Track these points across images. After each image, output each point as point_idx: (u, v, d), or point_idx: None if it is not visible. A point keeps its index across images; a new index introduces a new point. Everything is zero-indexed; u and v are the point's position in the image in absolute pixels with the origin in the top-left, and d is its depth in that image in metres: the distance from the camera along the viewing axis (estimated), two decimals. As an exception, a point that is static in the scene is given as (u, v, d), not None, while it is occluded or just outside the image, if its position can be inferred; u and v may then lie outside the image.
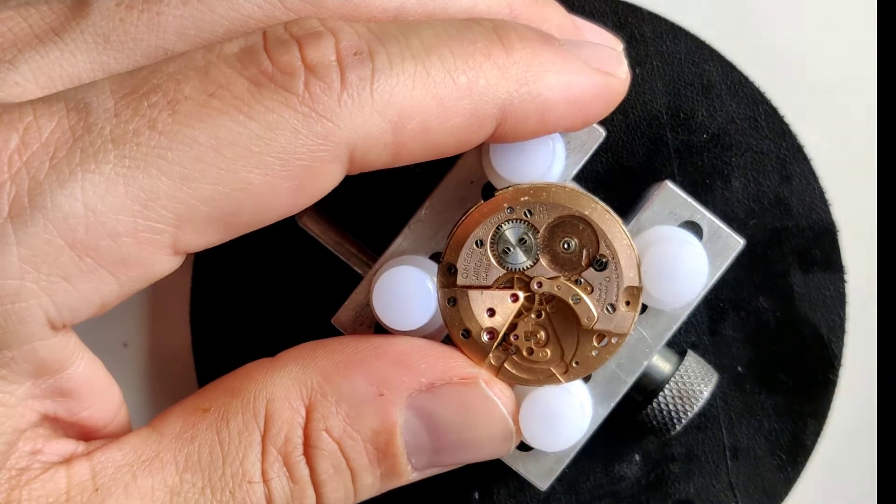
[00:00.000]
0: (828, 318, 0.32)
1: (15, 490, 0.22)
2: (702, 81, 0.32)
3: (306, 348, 0.26)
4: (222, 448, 0.24)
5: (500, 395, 0.26)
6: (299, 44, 0.23)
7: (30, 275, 0.21)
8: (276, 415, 0.25)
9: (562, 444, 0.27)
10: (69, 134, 0.22)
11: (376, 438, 0.25)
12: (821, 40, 0.33)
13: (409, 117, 0.23)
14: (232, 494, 0.24)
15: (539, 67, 0.24)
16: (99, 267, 0.22)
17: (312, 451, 0.25)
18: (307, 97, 0.22)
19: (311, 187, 0.23)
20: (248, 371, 0.26)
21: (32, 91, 0.24)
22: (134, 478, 0.23)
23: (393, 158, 0.24)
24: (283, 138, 0.22)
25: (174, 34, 0.25)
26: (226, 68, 0.22)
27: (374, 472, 0.25)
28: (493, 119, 0.24)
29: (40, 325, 0.22)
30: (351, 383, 0.25)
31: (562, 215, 0.26)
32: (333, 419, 0.25)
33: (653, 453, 0.32)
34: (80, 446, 0.24)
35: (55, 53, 0.24)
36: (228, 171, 0.22)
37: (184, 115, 0.22)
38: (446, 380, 0.26)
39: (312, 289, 0.32)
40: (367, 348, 0.26)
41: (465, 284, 0.26)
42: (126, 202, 0.21)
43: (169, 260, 0.23)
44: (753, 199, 0.32)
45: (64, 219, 0.21)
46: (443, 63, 0.23)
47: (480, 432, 0.26)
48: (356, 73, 0.23)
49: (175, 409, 0.25)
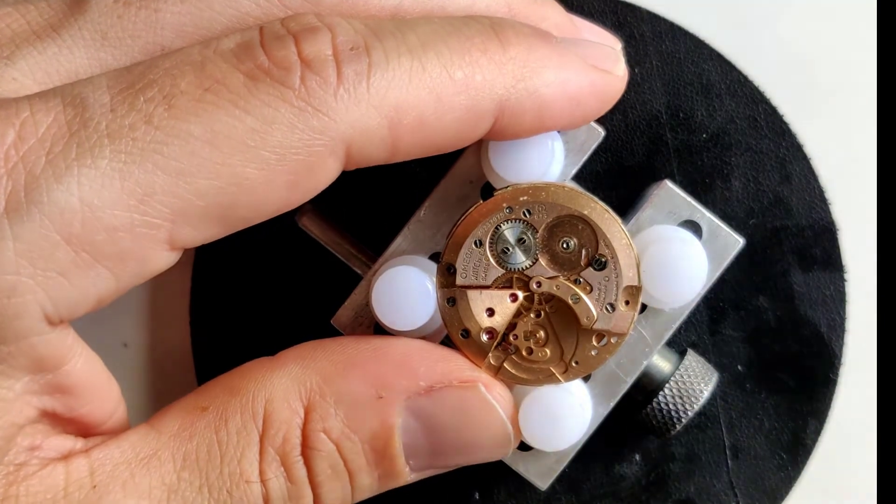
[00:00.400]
0: (828, 318, 0.32)
1: (13, 486, 0.22)
2: (701, 81, 0.32)
3: (306, 348, 0.26)
4: (220, 447, 0.24)
5: (499, 399, 0.26)
6: (296, 39, 0.23)
7: (26, 270, 0.21)
8: (274, 415, 0.24)
9: (562, 443, 0.27)
10: (65, 129, 0.22)
11: (374, 440, 0.25)
12: (821, 39, 0.33)
13: (406, 112, 0.23)
14: (229, 494, 0.24)
15: (536, 64, 0.24)
16: (95, 262, 0.22)
17: (310, 452, 0.25)
18: (303, 91, 0.22)
19: (308, 182, 0.23)
20: (248, 370, 0.26)
21: (30, 87, 0.24)
22: (132, 475, 0.23)
23: (390, 154, 0.24)
24: (279, 132, 0.22)
25: (172, 31, 0.25)
26: (222, 63, 0.22)
27: (372, 474, 0.25)
28: (489, 115, 0.24)
29: (37, 321, 0.22)
30: (350, 385, 0.25)
31: (561, 215, 0.26)
32: (332, 420, 0.25)
33: (653, 453, 0.32)
34: (79, 443, 0.24)
35: (53, 49, 0.24)
36: (224, 166, 0.22)
37: (180, 110, 0.22)
38: (445, 383, 0.26)
39: (312, 289, 0.32)
40: (367, 350, 0.26)
41: (465, 284, 0.26)
42: (122, 197, 0.21)
43: (165, 255, 0.23)
44: (753, 198, 0.32)
45: (60, 213, 0.21)
46: (439, 58, 0.23)
47: (478, 436, 0.26)
48: (352, 67, 0.23)
49: (174, 407, 0.25)
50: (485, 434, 0.26)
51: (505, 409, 0.26)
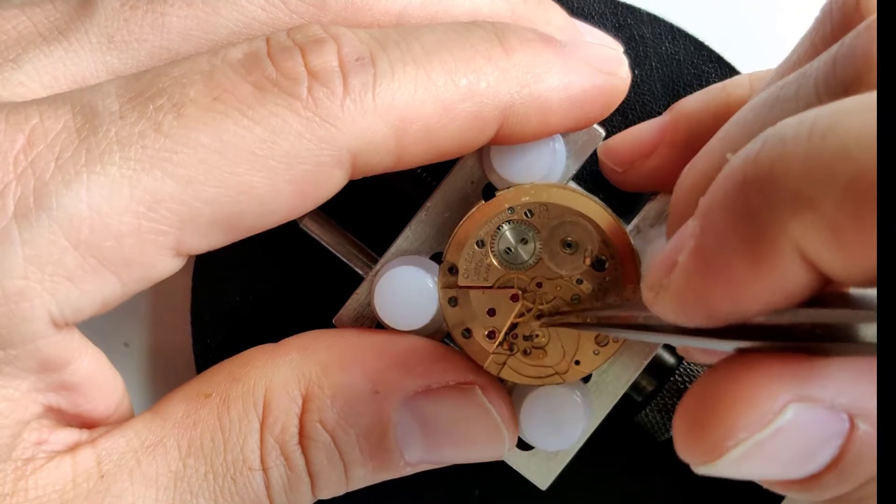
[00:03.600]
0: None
1: (21, 480, 0.23)
2: (701, 82, 0.32)
3: (309, 337, 0.26)
4: (223, 434, 0.24)
5: (496, 402, 0.26)
6: (302, 50, 0.23)
7: (34, 275, 0.21)
8: (273, 403, 0.25)
9: (562, 443, 0.27)
10: (75, 135, 0.22)
11: (369, 434, 0.25)
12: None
13: (411, 121, 0.23)
14: (233, 480, 0.24)
15: (540, 69, 0.24)
16: (102, 267, 0.22)
17: (307, 442, 0.25)
18: (310, 102, 0.22)
19: (314, 191, 0.23)
20: (251, 356, 0.26)
21: (36, 90, 0.24)
22: (138, 463, 0.24)
23: (396, 162, 0.24)
24: (287, 142, 0.22)
25: (178, 35, 0.25)
26: (230, 73, 0.23)
27: (366, 465, 0.26)
28: (494, 121, 0.24)
29: (44, 324, 0.22)
30: (348, 378, 0.25)
31: (562, 215, 0.26)
32: (328, 412, 0.25)
33: (653, 453, 0.32)
34: (85, 434, 0.24)
35: (59, 53, 0.24)
36: (232, 175, 0.22)
37: (189, 119, 0.22)
38: (443, 384, 0.26)
39: (313, 289, 0.32)
40: (369, 344, 0.26)
41: (467, 284, 0.26)
42: (130, 204, 0.22)
43: (171, 261, 0.23)
44: (752, 199, 0.32)
45: (69, 219, 0.21)
46: (444, 66, 0.23)
47: (473, 438, 0.26)
48: (358, 78, 0.23)
49: (177, 393, 0.25)
50: (480, 436, 0.26)
51: (501, 413, 0.26)
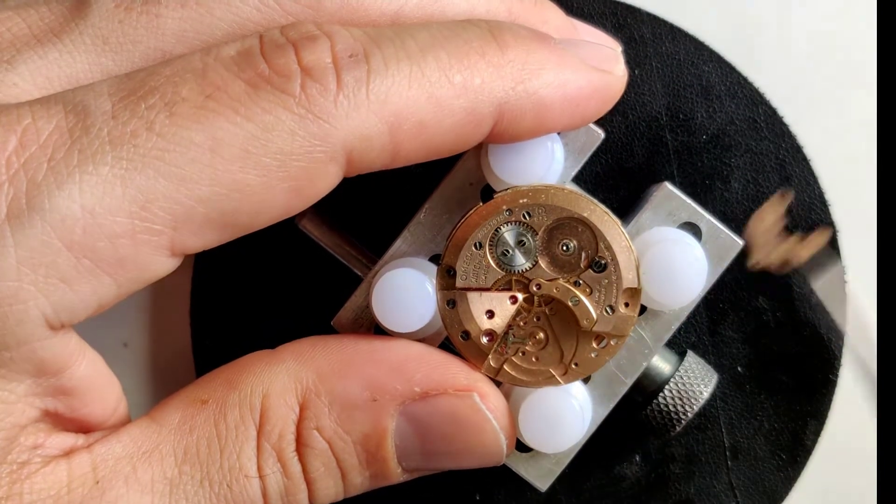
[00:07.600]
0: (827, 318, 0.32)
1: (16, 484, 0.23)
2: (701, 83, 0.32)
3: (306, 344, 0.26)
4: (220, 441, 0.24)
5: (494, 409, 0.26)
6: (295, 47, 0.23)
7: (27, 277, 0.21)
8: (270, 410, 0.25)
9: (562, 445, 0.27)
10: (67, 136, 0.22)
11: (366, 441, 0.25)
12: (820, 41, 0.33)
13: (406, 117, 0.23)
14: (229, 488, 0.24)
15: (534, 66, 0.24)
16: (96, 268, 0.22)
17: (304, 449, 0.25)
18: (304, 98, 0.22)
19: (309, 189, 0.23)
20: (248, 363, 0.26)
21: (30, 92, 0.24)
22: (134, 469, 0.24)
23: (391, 159, 0.24)
24: (280, 139, 0.22)
25: (173, 36, 0.25)
26: (223, 71, 0.22)
27: (363, 473, 0.26)
28: (489, 118, 0.24)
29: (38, 326, 0.22)
30: (345, 386, 0.25)
31: (560, 217, 0.26)
32: (325, 419, 0.25)
33: (653, 454, 0.32)
34: (81, 439, 0.24)
35: (54, 54, 0.24)
36: (225, 172, 0.22)
37: (181, 117, 0.22)
38: (440, 390, 0.26)
39: (312, 291, 0.32)
40: (365, 351, 0.26)
41: (465, 286, 0.26)
42: (123, 203, 0.22)
43: (167, 261, 0.23)
44: (753, 199, 0.32)
45: (62, 220, 0.21)
46: (438, 63, 0.23)
47: (471, 444, 0.26)
48: (352, 74, 0.23)
49: (174, 399, 0.25)
50: (477, 443, 0.26)
51: (499, 420, 0.26)
